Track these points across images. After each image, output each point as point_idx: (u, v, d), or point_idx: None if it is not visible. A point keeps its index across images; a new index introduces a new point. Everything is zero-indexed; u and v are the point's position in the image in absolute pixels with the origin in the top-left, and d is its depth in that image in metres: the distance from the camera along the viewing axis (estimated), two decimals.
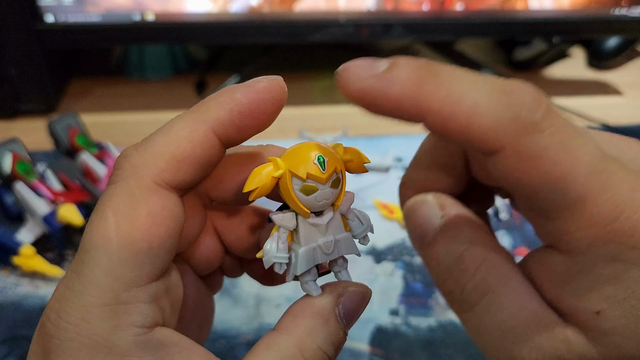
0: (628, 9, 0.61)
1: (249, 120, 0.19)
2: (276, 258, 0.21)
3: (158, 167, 0.19)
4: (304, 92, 0.68)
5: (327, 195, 0.20)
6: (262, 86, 0.20)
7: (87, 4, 0.56)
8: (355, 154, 0.21)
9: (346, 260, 0.22)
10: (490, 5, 0.60)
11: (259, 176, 0.20)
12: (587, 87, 0.71)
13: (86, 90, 0.67)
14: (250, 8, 0.58)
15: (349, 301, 0.21)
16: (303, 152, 0.20)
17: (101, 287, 0.17)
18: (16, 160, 0.45)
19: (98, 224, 0.18)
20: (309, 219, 0.21)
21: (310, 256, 0.21)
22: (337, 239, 0.21)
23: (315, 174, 0.20)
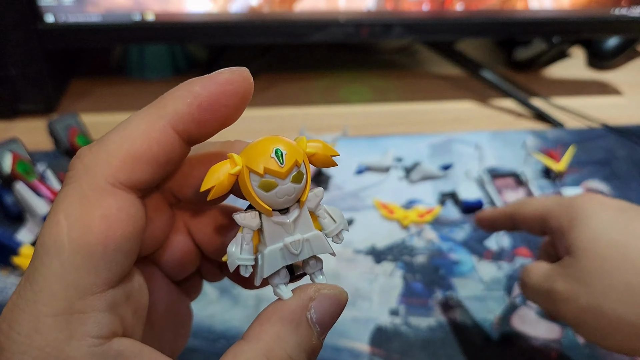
0: (628, 8, 0.61)
1: (209, 115, 0.18)
2: (240, 260, 0.19)
3: (112, 167, 0.17)
4: (304, 92, 0.68)
5: (288, 191, 0.19)
6: (223, 78, 0.18)
7: (87, 4, 0.55)
8: (319, 147, 0.20)
9: (320, 260, 0.21)
10: (490, 5, 0.60)
11: (215, 174, 0.18)
12: (587, 87, 0.71)
13: (86, 91, 0.67)
14: (250, 8, 0.58)
15: (321, 305, 0.19)
16: (261, 147, 0.19)
17: (53, 296, 0.16)
18: (16, 160, 0.45)
19: (50, 228, 0.17)
20: (273, 217, 0.19)
21: (276, 257, 0.20)
22: (306, 238, 0.20)
23: (273, 168, 0.18)
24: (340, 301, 0.20)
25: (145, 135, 0.18)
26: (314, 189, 0.20)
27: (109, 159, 0.17)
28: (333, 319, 0.20)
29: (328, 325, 0.19)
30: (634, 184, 0.54)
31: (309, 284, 0.20)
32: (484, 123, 0.64)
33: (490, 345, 0.39)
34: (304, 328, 0.19)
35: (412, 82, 0.71)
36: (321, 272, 0.21)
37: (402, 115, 0.65)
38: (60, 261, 0.16)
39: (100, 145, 0.18)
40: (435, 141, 0.59)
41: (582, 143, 0.59)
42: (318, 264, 0.21)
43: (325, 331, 0.19)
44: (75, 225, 0.17)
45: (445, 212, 0.50)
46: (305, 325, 0.19)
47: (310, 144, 0.20)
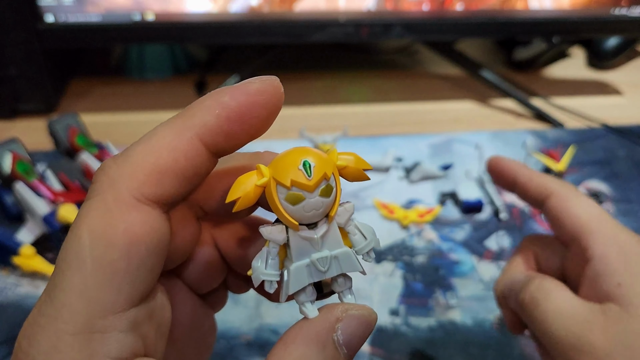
0: (628, 9, 0.61)
1: (238, 126, 0.18)
2: (264, 275, 0.19)
3: (137, 180, 0.17)
4: (304, 92, 0.68)
5: (316, 205, 0.18)
6: (253, 88, 0.18)
7: (87, 3, 0.55)
8: (350, 160, 0.19)
9: (349, 279, 0.20)
10: (490, 5, 0.60)
11: (242, 185, 0.18)
12: (587, 87, 0.71)
13: (86, 90, 0.66)
14: (250, 8, 0.58)
15: (349, 326, 0.18)
16: (289, 158, 0.18)
17: (74, 313, 0.16)
18: (16, 160, 0.45)
19: (72, 242, 0.16)
20: (300, 232, 0.19)
21: (302, 274, 0.19)
22: (335, 255, 0.19)
23: (301, 181, 0.18)
24: (369, 322, 0.19)
25: (172, 148, 0.17)
26: (345, 203, 0.19)
27: (134, 172, 0.17)
28: (361, 341, 0.18)
29: (356, 347, 0.18)
30: (634, 184, 0.54)
31: (336, 303, 0.19)
32: (484, 123, 0.64)
33: (490, 345, 0.39)
34: (330, 350, 0.18)
35: (412, 82, 0.71)
36: (350, 291, 0.20)
37: (402, 115, 0.65)
38: (82, 277, 0.16)
39: (126, 158, 0.17)
40: (435, 141, 0.59)
41: (582, 143, 0.59)
42: (347, 283, 0.20)
43: (352, 353, 0.18)
44: (98, 240, 0.16)
45: (445, 212, 0.50)
46: (331, 347, 0.18)
47: (342, 156, 0.19)
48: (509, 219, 0.49)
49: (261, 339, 0.39)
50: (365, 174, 0.19)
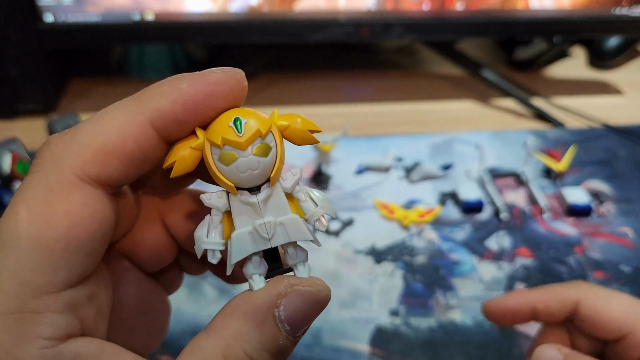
0: (629, 8, 0.61)
1: (193, 115, 0.17)
2: (205, 244, 0.18)
3: (82, 160, 0.16)
4: (304, 92, 0.68)
5: (251, 165, 0.17)
6: (214, 78, 0.17)
7: (87, 3, 0.55)
8: (291, 118, 0.18)
9: (303, 250, 0.19)
10: (491, 4, 0.60)
11: (178, 150, 0.17)
12: (587, 87, 0.71)
13: (86, 90, 0.66)
14: (250, 8, 0.57)
15: (293, 302, 0.17)
16: (223, 118, 0.17)
17: (5, 293, 0.15)
18: (16, 160, 0.45)
19: (9, 219, 0.16)
20: (240, 196, 0.18)
21: (245, 241, 0.18)
22: (280, 222, 0.18)
23: (231, 137, 0.17)
24: (317, 299, 0.18)
25: (122, 130, 0.16)
26: (292, 169, 0.18)
27: (80, 150, 0.16)
28: (307, 319, 0.18)
29: (300, 325, 0.17)
30: (635, 183, 0.54)
31: (283, 276, 0.18)
32: (484, 123, 0.64)
33: (490, 346, 0.39)
34: (270, 327, 0.17)
35: (412, 82, 0.71)
36: (304, 265, 0.19)
37: (402, 115, 0.65)
38: (15, 257, 0.15)
39: (73, 135, 0.17)
40: (436, 141, 0.59)
41: (582, 143, 0.59)
42: (300, 255, 0.19)
43: (297, 331, 0.17)
44: (36, 219, 0.15)
45: (446, 212, 0.50)
46: (271, 323, 0.17)
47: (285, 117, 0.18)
48: (509, 219, 0.49)
49: None
50: (312, 136, 0.18)
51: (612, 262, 0.45)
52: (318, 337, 0.39)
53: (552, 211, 0.50)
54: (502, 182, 0.53)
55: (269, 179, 0.18)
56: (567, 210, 0.50)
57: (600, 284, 0.43)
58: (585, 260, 0.46)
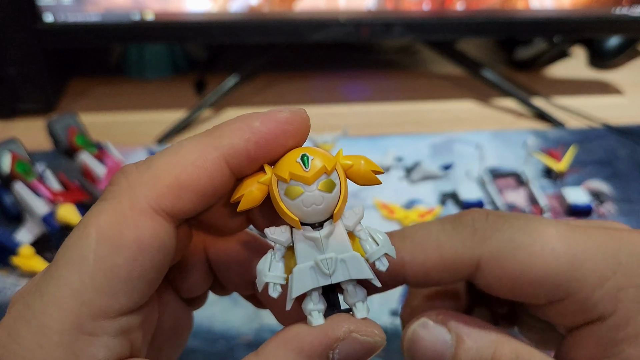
0: (629, 8, 0.61)
1: (264, 152, 0.18)
2: (268, 277, 0.18)
3: (157, 191, 0.17)
4: (304, 92, 0.68)
5: (316, 200, 0.18)
6: (283, 117, 0.18)
7: (87, 3, 0.55)
8: (356, 159, 0.18)
9: (362, 290, 0.19)
10: (491, 4, 0.60)
11: (246, 184, 0.18)
12: (588, 87, 0.71)
13: (85, 90, 0.66)
14: (250, 7, 0.57)
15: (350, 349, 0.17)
16: (291, 155, 0.18)
17: (65, 310, 0.15)
18: (15, 160, 0.45)
19: (78, 240, 0.16)
20: (304, 231, 0.18)
21: (306, 276, 0.18)
22: (342, 258, 0.18)
23: (298, 172, 0.17)
24: (373, 349, 0.18)
25: (197, 165, 0.17)
26: (354, 207, 0.19)
27: (156, 182, 0.17)
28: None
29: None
30: (635, 183, 0.53)
31: (344, 317, 0.18)
32: (484, 123, 0.64)
33: None
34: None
35: (412, 81, 0.71)
36: (363, 304, 0.19)
37: (402, 115, 0.65)
38: (80, 276, 0.15)
39: (148, 167, 0.17)
40: (436, 141, 0.59)
41: (583, 143, 0.58)
42: (359, 294, 0.18)
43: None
44: (106, 242, 0.16)
45: (446, 212, 0.50)
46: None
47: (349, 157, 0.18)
48: None
49: (261, 340, 0.39)
50: (375, 176, 0.19)
51: None
52: None
53: (553, 211, 0.50)
54: (502, 182, 0.53)
55: (332, 216, 0.18)
56: (567, 210, 0.50)
57: None
58: None
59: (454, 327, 0.20)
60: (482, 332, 0.19)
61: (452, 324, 0.20)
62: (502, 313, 0.24)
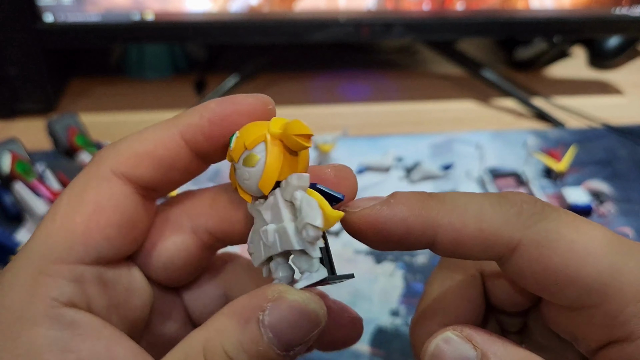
0: (629, 8, 0.61)
1: (218, 129, 0.19)
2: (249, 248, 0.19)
3: (118, 159, 0.19)
4: (304, 92, 0.68)
5: (244, 175, 0.18)
6: (239, 98, 0.19)
7: (87, 3, 0.55)
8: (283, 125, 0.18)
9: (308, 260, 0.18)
10: (491, 4, 0.60)
11: None
12: (588, 87, 0.71)
13: (85, 90, 0.66)
14: (250, 7, 0.57)
15: (278, 310, 0.17)
16: None
17: (33, 257, 0.18)
18: (15, 160, 0.45)
19: (55, 203, 0.19)
20: (254, 204, 0.19)
21: (258, 247, 0.18)
22: (275, 229, 0.18)
23: (228, 152, 0.18)
24: (304, 312, 0.17)
25: (154, 138, 0.19)
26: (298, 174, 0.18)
27: (118, 153, 0.19)
28: (295, 331, 0.17)
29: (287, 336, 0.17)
30: (636, 183, 0.53)
31: (278, 284, 0.18)
32: (484, 123, 0.64)
33: None
34: (252, 328, 0.17)
35: (412, 82, 0.71)
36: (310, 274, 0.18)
37: (402, 115, 0.65)
38: (49, 229, 0.18)
39: (116, 143, 0.20)
40: (436, 141, 0.59)
41: (583, 143, 0.58)
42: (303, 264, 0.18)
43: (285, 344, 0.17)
44: (71, 203, 0.19)
45: None
46: (254, 325, 0.17)
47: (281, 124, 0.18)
48: None
49: None
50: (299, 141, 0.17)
51: None
52: None
53: None
54: (502, 182, 0.53)
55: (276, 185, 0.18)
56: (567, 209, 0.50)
57: None
58: None
59: (480, 344, 0.18)
60: (509, 349, 0.18)
61: (477, 340, 0.19)
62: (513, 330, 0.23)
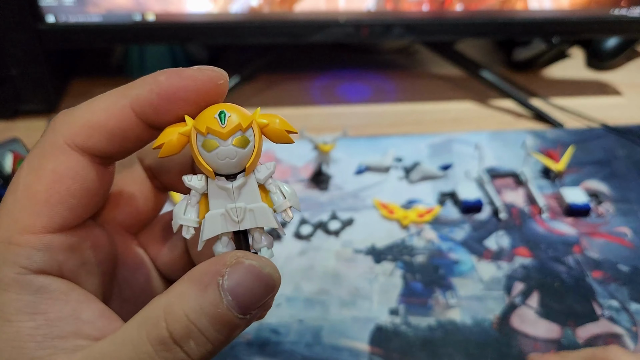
0: (627, 9, 0.61)
1: (166, 104, 0.20)
2: (182, 220, 0.20)
3: (72, 130, 0.20)
4: (304, 92, 0.68)
5: (230, 154, 0.19)
6: (188, 73, 0.20)
7: (88, 4, 0.56)
8: (271, 118, 0.20)
9: (269, 237, 0.21)
10: (490, 5, 0.60)
11: (168, 133, 0.20)
12: (586, 88, 0.71)
13: (87, 91, 0.67)
14: (250, 8, 0.58)
15: (237, 274, 0.18)
16: (210, 110, 0.19)
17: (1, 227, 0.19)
18: (17, 160, 0.45)
19: (17, 174, 0.20)
20: (218, 181, 0.20)
21: (216, 222, 0.20)
22: (250, 208, 0.20)
23: (215, 128, 0.19)
24: (259, 274, 0.19)
25: (106, 109, 0.20)
26: (267, 163, 0.20)
27: (71, 123, 0.20)
28: (252, 293, 0.18)
29: (245, 298, 0.18)
30: (634, 184, 0.54)
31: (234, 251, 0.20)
32: (483, 123, 0.64)
33: (490, 345, 0.39)
34: (212, 292, 0.18)
35: (412, 82, 0.71)
36: (268, 250, 0.20)
37: (402, 115, 0.65)
38: (13, 199, 0.19)
39: (69, 112, 0.20)
40: (435, 141, 0.59)
41: (581, 143, 0.59)
42: (265, 240, 0.20)
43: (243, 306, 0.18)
44: (31, 174, 0.19)
45: (445, 212, 0.50)
46: (213, 289, 0.18)
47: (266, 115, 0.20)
48: (508, 219, 0.50)
49: (261, 338, 0.39)
50: (289, 136, 0.20)
51: (610, 261, 0.46)
52: (318, 336, 0.39)
53: (551, 211, 0.50)
54: (501, 182, 0.54)
55: (245, 169, 0.20)
56: (565, 210, 0.50)
57: (598, 283, 0.44)
58: (584, 260, 0.46)
59: None
60: None
61: None
62: None
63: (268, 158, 0.55)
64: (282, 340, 0.39)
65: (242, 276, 0.18)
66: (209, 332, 0.18)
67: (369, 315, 0.41)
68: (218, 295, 0.18)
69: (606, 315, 0.41)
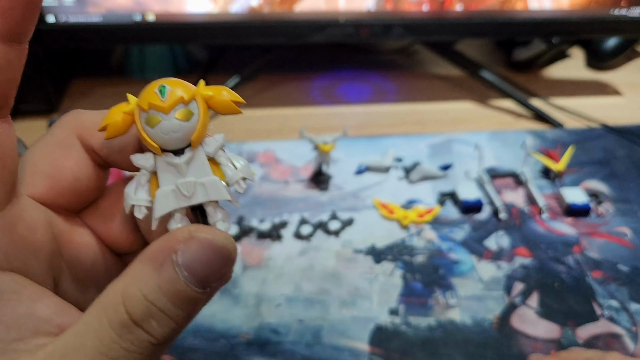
0: (627, 9, 0.61)
1: None
2: (133, 200, 0.19)
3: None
4: (304, 92, 0.68)
5: (173, 128, 0.19)
6: None
7: (88, 4, 0.56)
8: (217, 90, 0.19)
9: (223, 211, 0.20)
10: (490, 5, 0.60)
11: (112, 114, 0.19)
12: (586, 88, 0.71)
13: (87, 91, 0.67)
14: (250, 8, 0.58)
15: (190, 249, 0.18)
16: (152, 85, 0.19)
17: None
18: None
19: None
20: (165, 157, 0.19)
21: (168, 198, 0.19)
22: (201, 182, 0.19)
23: (155, 102, 0.18)
24: (215, 247, 0.18)
25: None
26: (215, 135, 0.20)
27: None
28: (208, 267, 0.18)
29: (202, 273, 0.18)
30: (633, 184, 0.54)
31: (187, 225, 0.19)
32: (483, 123, 0.64)
33: (490, 345, 0.39)
34: (167, 270, 0.18)
35: (412, 82, 0.71)
36: (223, 223, 0.20)
37: (402, 115, 0.65)
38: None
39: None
40: (435, 141, 0.59)
41: (581, 143, 0.59)
42: (218, 214, 0.20)
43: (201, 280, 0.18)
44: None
45: (445, 212, 0.50)
46: (169, 267, 0.18)
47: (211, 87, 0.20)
48: (508, 219, 0.50)
49: (261, 338, 0.39)
50: (236, 106, 0.20)
51: (610, 261, 0.46)
52: (318, 336, 0.39)
53: (551, 211, 0.51)
54: (501, 182, 0.54)
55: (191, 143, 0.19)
56: (565, 210, 0.50)
57: (598, 283, 0.44)
58: (584, 260, 0.46)
59: None
60: None
61: None
62: None
63: (268, 158, 0.56)
64: (282, 340, 0.39)
65: (196, 250, 0.18)
66: (169, 310, 0.18)
67: (369, 315, 0.41)
68: (174, 272, 0.18)
69: (606, 315, 0.41)
